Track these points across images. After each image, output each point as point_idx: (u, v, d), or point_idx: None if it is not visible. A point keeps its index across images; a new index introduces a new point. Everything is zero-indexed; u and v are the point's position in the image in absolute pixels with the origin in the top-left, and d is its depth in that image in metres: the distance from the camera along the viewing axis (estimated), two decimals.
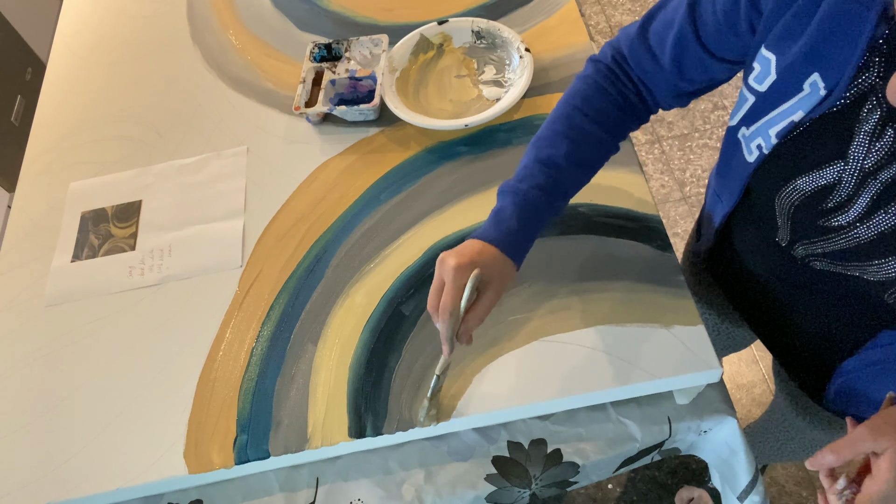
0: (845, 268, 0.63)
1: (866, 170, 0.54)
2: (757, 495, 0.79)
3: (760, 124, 0.60)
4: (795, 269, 0.69)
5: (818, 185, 0.58)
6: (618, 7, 2.37)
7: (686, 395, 0.76)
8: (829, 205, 0.59)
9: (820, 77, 0.53)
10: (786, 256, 0.69)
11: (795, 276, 0.71)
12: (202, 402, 0.77)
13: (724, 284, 0.90)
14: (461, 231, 0.85)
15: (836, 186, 0.57)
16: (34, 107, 1.13)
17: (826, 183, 0.57)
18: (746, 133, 0.63)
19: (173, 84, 1.10)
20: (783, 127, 0.58)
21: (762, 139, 0.61)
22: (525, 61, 0.97)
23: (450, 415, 0.72)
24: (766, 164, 0.62)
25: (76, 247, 0.94)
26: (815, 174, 0.58)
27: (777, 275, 0.74)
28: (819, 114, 0.55)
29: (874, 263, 0.59)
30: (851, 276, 0.63)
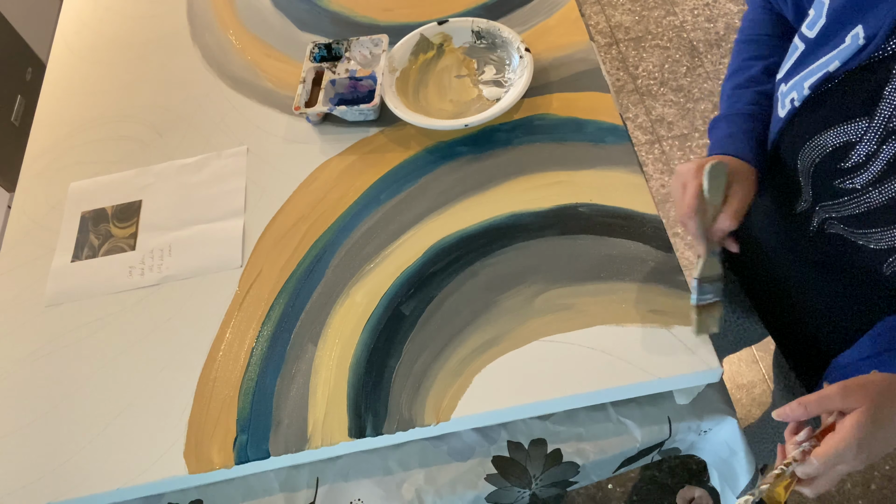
0: (854, 235, 0.63)
1: (890, 129, 0.54)
2: None
3: (798, 77, 0.61)
4: (809, 238, 0.70)
5: (840, 142, 0.59)
6: (618, 7, 2.37)
7: (686, 395, 0.76)
8: (848, 164, 0.59)
9: (862, 28, 0.54)
10: (802, 224, 0.70)
11: (808, 247, 0.71)
12: (202, 402, 0.77)
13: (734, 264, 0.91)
14: (461, 231, 0.85)
15: (857, 144, 0.57)
16: (34, 107, 1.13)
17: (848, 139, 0.58)
18: (784, 89, 0.64)
19: (173, 84, 1.10)
20: (818, 78, 0.58)
21: (796, 92, 0.62)
22: (525, 61, 0.97)
23: (450, 415, 0.72)
24: (796, 118, 0.64)
25: (76, 247, 0.94)
26: (839, 129, 0.58)
27: (789, 247, 0.75)
28: (854, 65, 0.55)
29: (879, 230, 0.60)
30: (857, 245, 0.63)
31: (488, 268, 0.82)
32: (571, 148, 0.90)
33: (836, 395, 0.54)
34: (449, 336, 0.77)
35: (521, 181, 0.89)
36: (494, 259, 0.82)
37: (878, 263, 0.63)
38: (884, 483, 1.45)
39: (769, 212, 0.77)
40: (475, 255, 0.83)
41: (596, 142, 0.90)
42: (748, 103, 0.72)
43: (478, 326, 0.77)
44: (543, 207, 0.85)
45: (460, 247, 0.84)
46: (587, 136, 0.91)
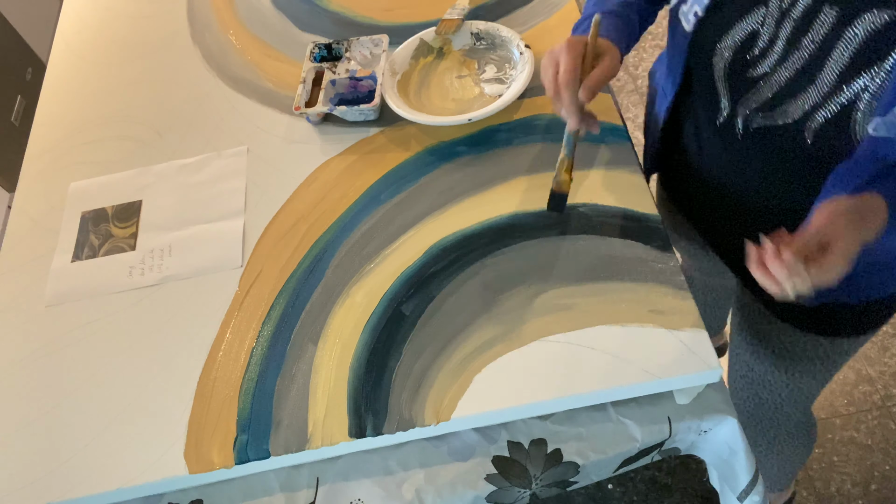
0: (773, 118, 0.67)
1: (783, 9, 0.62)
2: (757, 495, 0.79)
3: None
4: (737, 143, 0.74)
5: (745, 34, 0.66)
6: None
7: (686, 395, 0.76)
8: (755, 52, 0.66)
9: None
10: (728, 132, 0.74)
11: (738, 153, 0.75)
12: (202, 402, 0.77)
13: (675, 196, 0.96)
14: (461, 231, 0.85)
15: (759, 32, 0.65)
16: (34, 107, 1.13)
17: (751, 30, 0.65)
18: (685, 8, 0.71)
19: (173, 84, 1.10)
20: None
21: (697, 5, 0.69)
22: (525, 57, 0.97)
23: (450, 415, 0.72)
24: (701, 28, 0.69)
25: (76, 247, 0.94)
26: (742, 23, 0.66)
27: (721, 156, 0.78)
28: None
29: (794, 103, 0.64)
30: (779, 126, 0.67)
31: (488, 268, 0.82)
32: None
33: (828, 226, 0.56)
34: (449, 336, 0.77)
35: (521, 181, 0.89)
36: (494, 259, 0.82)
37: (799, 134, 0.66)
38: (884, 483, 1.45)
39: (693, 128, 0.81)
40: (475, 255, 0.83)
41: (596, 142, 0.90)
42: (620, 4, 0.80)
43: (478, 326, 0.77)
44: (543, 207, 0.85)
45: (460, 247, 0.84)
46: (587, 136, 0.91)
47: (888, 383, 1.56)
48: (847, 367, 1.59)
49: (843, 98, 0.61)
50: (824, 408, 1.54)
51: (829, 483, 1.46)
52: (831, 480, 1.47)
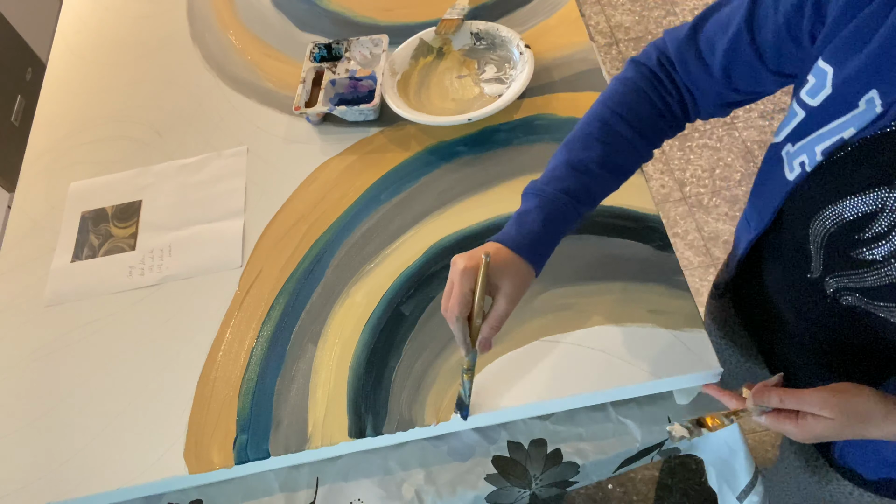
0: (875, 307, 0.60)
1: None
2: (756, 495, 0.79)
3: (807, 141, 0.57)
4: (823, 304, 0.66)
5: (859, 213, 0.55)
6: (618, 7, 2.37)
7: (686, 395, 0.76)
8: (867, 235, 0.55)
9: (878, 94, 0.50)
10: (815, 291, 0.66)
11: (822, 313, 0.67)
12: (202, 402, 0.77)
13: (746, 320, 0.88)
14: (461, 231, 0.85)
15: (878, 215, 0.54)
16: (34, 107, 1.13)
17: (867, 210, 0.54)
18: (791, 150, 0.59)
19: (173, 84, 1.10)
20: (831, 144, 0.54)
21: (807, 156, 0.57)
22: (525, 57, 0.97)
23: (450, 415, 0.72)
24: (807, 184, 0.59)
25: (76, 247, 0.94)
26: (857, 199, 0.54)
27: (801, 311, 0.71)
28: (871, 133, 0.51)
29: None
30: (878, 317, 0.61)
31: None
32: None
33: (815, 403, 0.56)
34: (449, 336, 0.77)
35: (521, 181, 0.89)
36: None
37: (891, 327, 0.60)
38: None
39: (780, 273, 0.72)
40: None
41: None
42: (565, 191, 0.64)
43: None
44: None
45: (460, 247, 0.84)
46: None
47: None
48: None
49: None
50: None
51: None
52: None
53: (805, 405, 0.56)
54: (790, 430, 0.57)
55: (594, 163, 0.65)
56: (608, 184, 0.67)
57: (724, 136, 2.01)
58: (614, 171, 0.67)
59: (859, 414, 0.55)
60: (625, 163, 0.67)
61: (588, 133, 0.67)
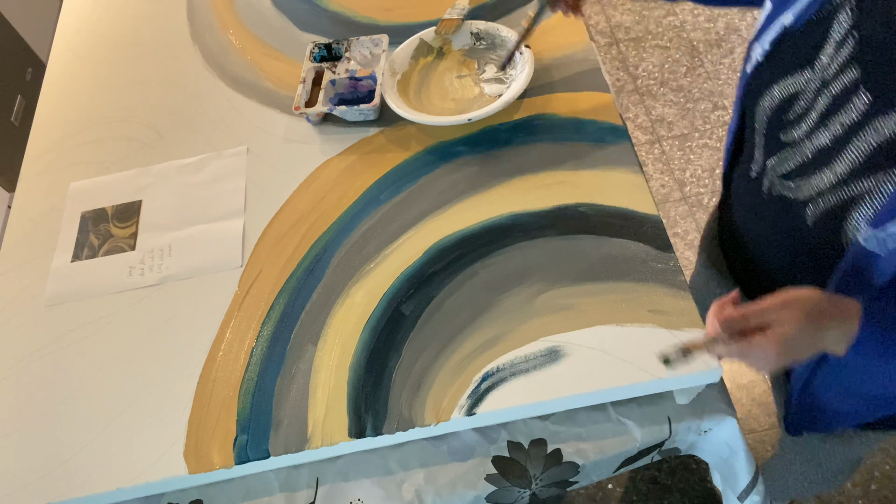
0: (791, 191, 0.66)
1: (826, 79, 0.58)
2: (757, 495, 0.79)
3: (764, 34, 0.64)
4: (762, 202, 0.72)
5: (787, 93, 0.62)
6: (618, 7, 2.37)
7: (686, 395, 0.76)
8: (791, 115, 0.62)
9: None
10: (757, 189, 0.72)
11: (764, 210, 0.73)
12: (202, 402, 0.77)
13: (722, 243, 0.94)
14: (461, 231, 0.85)
15: (800, 95, 0.61)
16: (34, 107, 1.13)
17: (794, 91, 0.61)
18: (755, 45, 0.67)
19: (173, 84, 1.10)
20: (776, 34, 0.62)
21: (760, 47, 0.65)
22: (525, 57, 0.97)
23: (450, 415, 0.72)
24: (756, 73, 0.66)
25: (76, 247, 0.94)
26: (787, 81, 0.62)
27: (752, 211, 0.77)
28: (805, 20, 0.58)
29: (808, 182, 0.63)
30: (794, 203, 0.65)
31: (488, 268, 0.82)
32: (571, 148, 0.90)
33: (775, 308, 0.56)
34: (449, 336, 0.77)
35: (521, 181, 0.89)
36: (494, 259, 0.82)
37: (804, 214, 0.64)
38: (884, 483, 1.45)
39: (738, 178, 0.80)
40: (475, 255, 0.83)
41: (596, 142, 0.90)
42: None
43: (478, 326, 0.77)
44: (543, 207, 0.85)
45: (460, 247, 0.84)
46: (587, 136, 0.91)
47: None
48: None
49: (847, 192, 0.58)
50: None
51: None
52: None
53: (767, 314, 0.57)
54: (760, 344, 0.56)
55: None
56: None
57: (725, 137, 2.01)
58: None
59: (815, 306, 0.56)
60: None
61: None
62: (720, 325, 0.59)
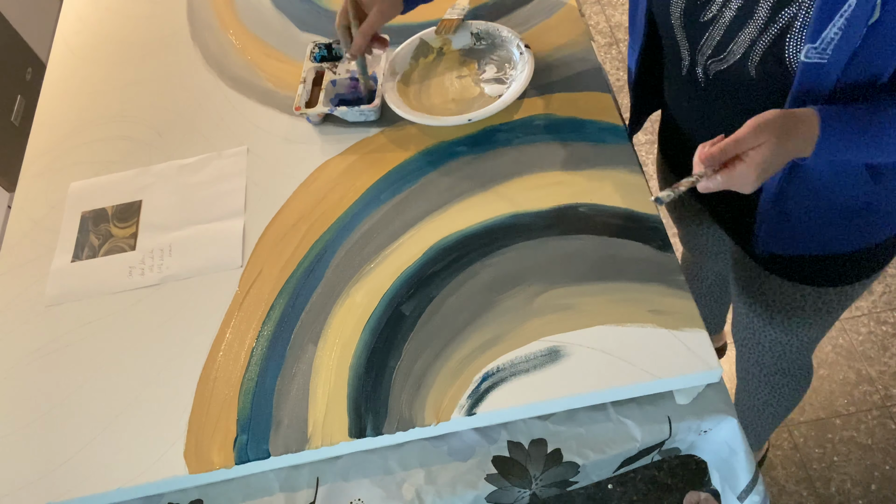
0: (726, 61, 0.70)
1: None
2: (757, 495, 0.79)
3: None
4: (702, 92, 0.76)
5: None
6: (618, 7, 2.37)
7: (686, 395, 0.76)
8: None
9: None
10: (693, 83, 0.77)
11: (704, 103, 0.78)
12: (202, 402, 0.77)
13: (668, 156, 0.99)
14: (461, 231, 0.85)
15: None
16: (34, 107, 1.13)
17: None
18: None
19: (173, 84, 1.10)
20: None
21: None
22: (525, 57, 0.97)
23: (450, 415, 0.72)
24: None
25: (76, 247, 0.94)
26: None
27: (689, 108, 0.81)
28: None
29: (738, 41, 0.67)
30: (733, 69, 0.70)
31: (488, 268, 0.82)
32: (571, 148, 0.90)
33: (748, 136, 0.62)
34: (449, 336, 0.77)
35: (521, 181, 0.89)
36: (494, 259, 0.82)
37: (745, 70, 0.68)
38: (884, 483, 1.45)
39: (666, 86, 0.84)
40: (475, 255, 0.83)
41: (596, 142, 0.90)
42: None
43: (478, 326, 0.77)
44: (543, 207, 0.85)
45: (460, 247, 0.84)
46: (587, 136, 0.91)
47: (888, 383, 1.56)
48: (847, 367, 1.59)
49: (776, 27, 0.64)
50: (824, 407, 1.54)
51: (829, 483, 1.46)
52: (831, 480, 1.47)
53: (743, 143, 0.62)
54: (741, 170, 0.63)
55: None
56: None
57: None
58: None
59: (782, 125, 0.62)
60: None
61: None
62: (703, 161, 0.64)
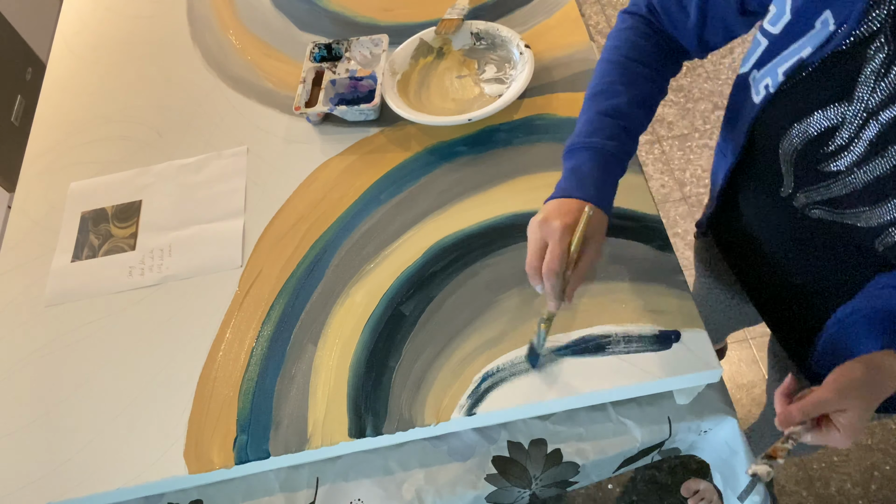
0: (841, 215, 0.64)
1: (869, 110, 0.55)
2: (757, 495, 0.79)
3: (771, 65, 0.62)
4: (794, 221, 0.71)
5: (822, 127, 0.59)
6: (618, 7, 2.37)
7: (686, 395, 0.76)
8: (831, 148, 0.60)
9: (831, 14, 0.54)
10: (786, 209, 0.71)
11: (794, 229, 0.72)
12: (202, 402, 0.77)
13: (726, 250, 0.93)
14: (461, 231, 0.85)
15: (839, 128, 0.58)
16: (34, 107, 1.13)
17: (829, 125, 0.58)
18: (757, 75, 0.64)
19: (173, 84, 1.10)
20: (791, 65, 0.59)
21: (770, 79, 0.62)
22: (525, 57, 0.97)
23: (450, 415, 0.72)
24: (772, 105, 0.64)
25: (76, 247, 0.94)
26: (820, 115, 0.59)
27: (776, 229, 0.76)
28: (827, 52, 0.56)
29: (867, 209, 0.61)
30: (846, 224, 0.64)
31: (488, 268, 0.82)
32: None
33: (832, 400, 0.58)
34: (449, 336, 0.77)
35: (521, 181, 0.89)
36: (494, 259, 0.82)
37: (868, 240, 0.64)
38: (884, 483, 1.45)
39: (755, 196, 0.77)
40: (475, 255, 0.83)
41: None
42: (609, 137, 0.69)
43: (478, 326, 0.77)
44: None
45: (460, 247, 0.84)
46: None
47: None
48: None
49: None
50: None
51: (829, 483, 1.46)
52: (831, 480, 1.47)
53: (826, 406, 0.58)
54: (834, 438, 0.59)
55: (625, 105, 0.70)
56: (641, 120, 0.72)
57: None
58: (642, 106, 0.72)
59: (869, 385, 0.58)
60: (649, 98, 0.73)
61: (609, 81, 0.72)
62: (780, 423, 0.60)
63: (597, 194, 0.67)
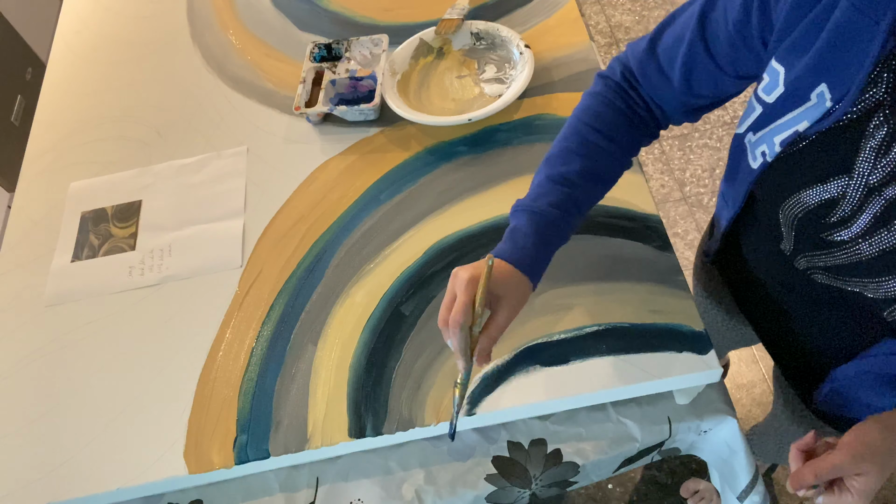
0: (846, 283, 0.63)
1: (871, 185, 0.53)
2: (757, 495, 0.79)
3: (766, 132, 0.60)
4: (798, 279, 0.69)
5: (822, 199, 0.58)
6: (618, 7, 2.37)
7: (686, 395, 0.76)
8: (833, 219, 0.58)
9: (827, 88, 0.52)
10: (789, 266, 0.69)
11: (797, 286, 0.71)
12: (202, 402, 0.77)
13: (731, 285, 0.91)
14: (461, 231, 0.85)
15: (840, 201, 0.56)
16: (34, 107, 1.13)
17: (830, 197, 0.57)
18: (752, 139, 0.62)
19: (173, 84, 1.10)
20: (787, 136, 0.57)
21: (766, 147, 0.60)
22: (525, 57, 0.97)
23: (450, 415, 0.72)
24: (770, 173, 0.62)
25: (76, 247, 0.94)
26: (820, 188, 0.57)
27: (780, 282, 0.74)
28: (825, 127, 0.54)
29: (875, 281, 0.59)
30: (852, 291, 0.63)
31: None
32: None
33: (847, 464, 0.57)
34: None
35: (521, 181, 0.89)
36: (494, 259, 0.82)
37: (878, 310, 0.62)
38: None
39: (758, 247, 0.76)
40: (475, 255, 0.83)
41: None
42: (554, 205, 0.66)
43: None
44: None
45: (460, 247, 0.84)
46: None
47: None
48: None
49: None
50: None
51: None
52: None
53: (841, 470, 0.57)
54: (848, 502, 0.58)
55: (576, 174, 0.67)
56: (592, 193, 0.69)
57: (724, 136, 2.01)
58: (596, 180, 0.69)
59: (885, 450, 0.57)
60: (605, 172, 0.69)
61: (565, 147, 0.69)
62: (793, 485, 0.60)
63: (527, 260, 0.64)
